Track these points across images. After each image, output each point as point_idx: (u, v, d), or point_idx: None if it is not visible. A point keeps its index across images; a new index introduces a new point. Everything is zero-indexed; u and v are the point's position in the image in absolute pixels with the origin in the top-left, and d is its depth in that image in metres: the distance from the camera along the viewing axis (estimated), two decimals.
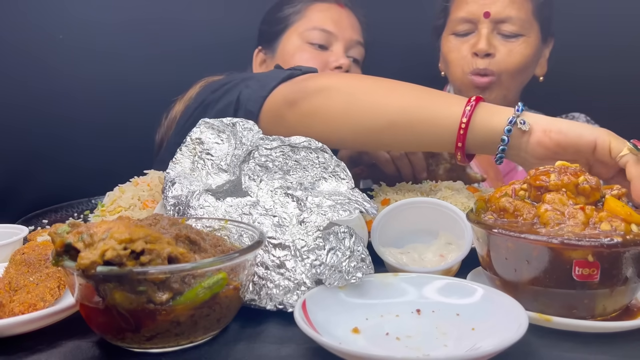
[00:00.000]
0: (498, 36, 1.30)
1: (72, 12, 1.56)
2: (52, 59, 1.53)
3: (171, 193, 0.78)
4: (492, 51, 1.29)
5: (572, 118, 1.46)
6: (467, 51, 1.32)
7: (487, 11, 1.28)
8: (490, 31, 1.29)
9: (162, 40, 1.58)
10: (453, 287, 0.65)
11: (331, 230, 0.68)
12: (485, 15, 1.29)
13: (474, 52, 1.30)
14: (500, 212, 0.67)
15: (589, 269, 0.59)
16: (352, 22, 1.43)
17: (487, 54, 1.29)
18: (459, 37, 1.34)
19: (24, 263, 0.68)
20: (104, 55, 1.57)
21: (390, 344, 0.57)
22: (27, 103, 1.55)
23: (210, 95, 1.08)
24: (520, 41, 1.30)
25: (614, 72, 1.51)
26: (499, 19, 1.29)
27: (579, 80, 1.51)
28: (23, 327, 0.58)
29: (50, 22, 1.55)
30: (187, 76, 1.29)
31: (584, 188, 0.65)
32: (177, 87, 1.30)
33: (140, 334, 0.54)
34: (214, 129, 0.84)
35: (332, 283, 0.64)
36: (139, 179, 1.06)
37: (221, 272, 0.56)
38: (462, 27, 1.33)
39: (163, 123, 1.33)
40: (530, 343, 0.58)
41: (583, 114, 1.47)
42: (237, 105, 1.01)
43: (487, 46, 1.28)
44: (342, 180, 0.77)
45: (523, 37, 1.30)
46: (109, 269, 0.51)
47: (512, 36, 1.30)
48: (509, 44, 1.30)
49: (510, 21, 1.28)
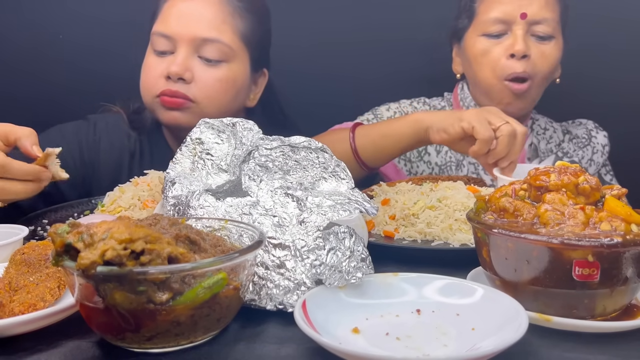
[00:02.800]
0: (532, 38, 1.28)
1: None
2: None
3: (171, 193, 0.78)
4: (529, 52, 1.26)
5: (582, 123, 1.47)
6: (501, 53, 1.28)
7: (524, 12, 1.25)
8: (525, 32, 1.27)
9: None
10: (453, 287, 0.65)
11: (331, 230, 0.68)
12: (522, 16, 1.25)
13: (510, 54, 1.26)
14: (500, 212, 0.67)
15: (589, 269, 0.59)
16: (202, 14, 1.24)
17: (524, 55, 1.26)
18: (491, 39, 1.30)
19: (24, 263, 0.68)
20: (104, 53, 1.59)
21: (390, 344, 0.57)
22: (31, 100, 1.56)
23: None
24: (552, 43, 1.29)
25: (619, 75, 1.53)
26: (535, 20, 1.26)
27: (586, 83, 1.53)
28: (23, 327, 0.58)
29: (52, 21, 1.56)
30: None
31: (584, 188, 0.65)
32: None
33: (140, 334, 0.54)
34: (214, 129, 0.84)
35: (332, 283, 0.64)
36: (139, 179, 1.06)
37: (221, 272, 0.56)
38: (495, 27, 1.29)
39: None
40: (530, 343, 0.58)
41: (591, 120, 1.47)
42: None
43: (525, 47, 1.25)
44: (342, 180, 0.77)
45: (554, 39, 1.29)
46: (109, 269, 0.51)
47: (546, 38, 1.28)
48: (541, 46, 1.28)
49: (546, 22, 1.26)
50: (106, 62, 1.60)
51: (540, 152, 1.42)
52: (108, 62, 1.60)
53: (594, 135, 1.44)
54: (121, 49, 1.49)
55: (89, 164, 1.25)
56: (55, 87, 1.64)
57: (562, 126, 1.48)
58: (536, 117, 1.46)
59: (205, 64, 1.21)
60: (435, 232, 0.92)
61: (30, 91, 1.63)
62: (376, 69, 1.67)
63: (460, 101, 1.44)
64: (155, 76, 1.22)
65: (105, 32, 1.64)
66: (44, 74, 1.65)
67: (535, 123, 1.45)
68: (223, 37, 1.21)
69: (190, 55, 1.20)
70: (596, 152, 1.41)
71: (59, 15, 1.66)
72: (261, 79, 1.36)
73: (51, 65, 1.66)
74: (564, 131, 1.47)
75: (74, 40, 1.66)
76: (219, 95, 1.23)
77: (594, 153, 1.41)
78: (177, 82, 1.20)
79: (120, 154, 1.28)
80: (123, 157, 1.29)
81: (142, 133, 1.32)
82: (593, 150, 1.41)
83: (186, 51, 1.20)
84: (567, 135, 1.46)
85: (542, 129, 1.45)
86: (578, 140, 1.44)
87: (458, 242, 0.90)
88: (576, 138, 1.44)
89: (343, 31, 1.67)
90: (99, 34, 1.64)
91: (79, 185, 1.22)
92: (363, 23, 1.68)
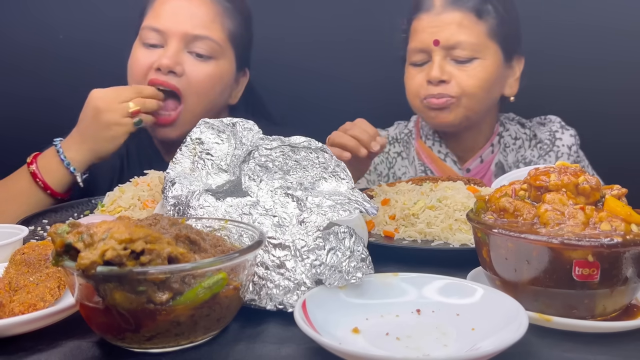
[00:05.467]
0: (452, 62, 1.30)
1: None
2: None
3: (171, 193, 0.78)
4: (446, 78, 1.29)
5: (548, 121, 1.46)
6: (422, 79, 1.32)
7: (436, 39, 1.29)
8: (443, 58, 1.30)
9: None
10: (453, 287, 0.65)
11: (331, 230, 0.68)
12: (435, 43, 1.29)
13: (428, 80, 1.31)
14: (500, 212, 0.67)
15: (589, 269, 0.59)
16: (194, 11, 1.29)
17: (441, 81, 1.29)
18: (416, 67, 1.35)
19: (24, 263, 0.68)
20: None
21: (390, 344, 0.57)
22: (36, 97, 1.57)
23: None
24: (476, 64, 1.30)
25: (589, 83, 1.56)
26: (448, 45, 1.29)
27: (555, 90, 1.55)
28: (23, 327, 0.58)
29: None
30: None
31: (584, 188, 0.65)
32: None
33: (140, 334, 0.54)
34: (213, 129, 0.84)
35: (332, 283, 0.64)
36: (139, 179, 1.06)
37: (221, 272, 0.56)
38: (417, 57, 1.34)
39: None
40: (530, 343, 0.58)
41: (558, 117, 1.46)
42: None
43: (439, 73, 1.28)
44: (342, 180, 0.77)
45: (478, 60, 1.30)
46: (109, 269, 0.51)
47: (466, 61, 1.29)
48: (464, 69, 1.30)
49: (460, 46, 1.28)
50: (106, 62, 1.60)
51: (508, 166, 1.42)
52: (108, 62, 1.61)
53: (559, 137, 1.41)
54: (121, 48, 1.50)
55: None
56: (56, 85, 1.65)
57: (531, 129, 1.45)
58: (506, 128, 1.45)
59: (195, 59, 1.25)
60: (435, 232, 0.92)
61: (31, 90, 1.64)
62: (368, 74, 1.68)
63: (420, 129, 1.48)
64: (144, 67, 1.25)
65: (106, 32, 1.64)
66: (45, 72, 1.65)
67: (505, 136, 1.44)
68: (213, 34, 1.26)
69: (181, 50, 1.24)
70: (561, 157, 1.39)
71: (59, 15, 1.67)
72: (243, 78, 1.41)
73: (53, 64, 1.66)
74: (531, 136, 1.44)
75: (75, 39, 1.66)
76: (206, 90, 1.27)
77: (557, 158, 1.39)
78: (167, 75, 1.23)
79: (112, 156, 1.28)
80: (115, 160, 1.33)
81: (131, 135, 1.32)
82: (557, 155, 1.39)
83: (177, 46, 1.24)
84: (533, 140, 1.44)
85: (512, 139, 1.44)
86: (542, 145, 1.42)
87: (458, 242, 0.90)
88: (540, 143, 1.43)
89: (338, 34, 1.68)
90: (99, 33, 1.65)
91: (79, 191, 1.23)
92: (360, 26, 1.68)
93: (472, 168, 1.42)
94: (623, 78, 1.59)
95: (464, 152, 1.43)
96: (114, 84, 1.26)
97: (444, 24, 1.29)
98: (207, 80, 1.26)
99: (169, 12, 1.26)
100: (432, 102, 1.31)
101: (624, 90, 1.59)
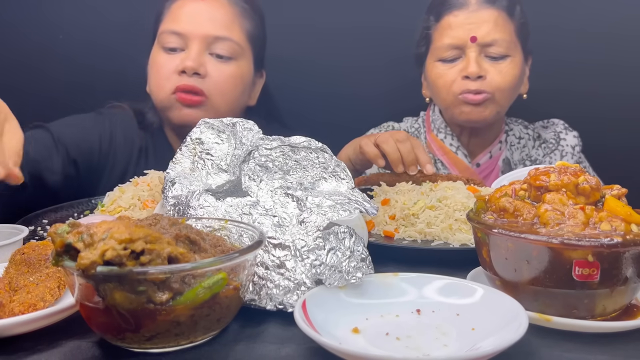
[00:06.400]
0: (486, 59, 1.32)
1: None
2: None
3: (171, 193, 0.78)
4: (483, 73, 1.31)
5: (551, 124, 1.49)
6: (455, 75, 1.33)
7: (474, 36, 1.30)
8: (478, 54, 1.31)
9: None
10: (453, 287, 0.65)
11: (331, 230, 0.68)
12: (472, 39, 1.30)
13: (464, 76, 1.31)
14: (500, 212, 0.67)
15: (589, 269, 0.59)
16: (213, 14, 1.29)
17: (479, 76, 1.30)
18: (446, 63, 1.35)
19: (24, 263, 0.68)
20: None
21: (390, 344, 0.57)
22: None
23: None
24: (508, 62, 1.32)
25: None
26: (485, 42, 1.31)
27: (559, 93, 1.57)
28: (23, 327, 0.58)
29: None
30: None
31: (584, 188, 0.65)
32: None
33: (140, 334, 0.54)
34: (214, 129, 0.84)
35: (332, 283, 0.64)
36: (139, 179, 1.06)
37: (221, 272, 0.56)
38: (449, 53, 1.34)
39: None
40: (530, 343, 0.58)
41: (561, 120, 1.49)
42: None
43: (477, 69, 1.30)
44: (342, 180, 0.77)
45: (510, 57, 1.32)
46: (109, 269, 0.51)
47: (500, 58, 1.32)
48: (497, 65, 1.32)
49: (497, 44, 1.31)
50: (106, 61, 1.61)
51: (514, 163, 1.44)
52: (108, 61, 1.61)
53: (563, 137, 1.45)
54: (124, 48, 1.50)
55: (105, 156, 1.29)
56: (57, 84, 1.65)
57: (534, 130, 1.49)
58: (510, 128, 1.48)
59: (217, 60, 1.26)
60: (435, 232, 0.92)
61: (33, 88, 1.64)
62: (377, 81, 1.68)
63: (431, 122, 1.49)
64: (168, 72, 1.25)
65: (106, 32, 1.65)
66: (48, 71, 1.65)
67: (510, 135, 1.47)
68: (233, 35, 1.27)
69: (203, 51, 1.25)
70: (565, 155, 1.43)
71: (60, 15, 1.67)
72: (259, 80, 1.41)
73: (54, 62, 1.66)
74: (535, 136, 1.48)
75: (75, 39, 1.66)
76: (229, 91, 1.28)
77: (562, 157, 1.43)
78: (191, 77, 1.23)
79: (131, 148, 1.32)
80: (133, 152, 1.33)
81: (147, 132, 1.35)
82: (562, 154, 1.43)
83: (199, 48, 1.24)
84: (537, 140, 1.48)
85: (516, 139, 1.47)
86: (547, 144, 1.46)
87: (458, 242, 0.90)
88: (545, 142, 1.47)
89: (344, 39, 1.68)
90: (99, 33, 1.65)
91: (97, 177, 1.26)
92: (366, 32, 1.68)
93: (482, 163, 1.44)
94: (626, 82, 1.60)
95: (475, 147, 1.45)
96: (114, 84, 1.27)
97: (481, 21, 1.31)
98: (229, 81, 1.27)
99: (188, 15, 1.26)
100: (469, 98, 1.32)
101: (627, 95, 1.59)
